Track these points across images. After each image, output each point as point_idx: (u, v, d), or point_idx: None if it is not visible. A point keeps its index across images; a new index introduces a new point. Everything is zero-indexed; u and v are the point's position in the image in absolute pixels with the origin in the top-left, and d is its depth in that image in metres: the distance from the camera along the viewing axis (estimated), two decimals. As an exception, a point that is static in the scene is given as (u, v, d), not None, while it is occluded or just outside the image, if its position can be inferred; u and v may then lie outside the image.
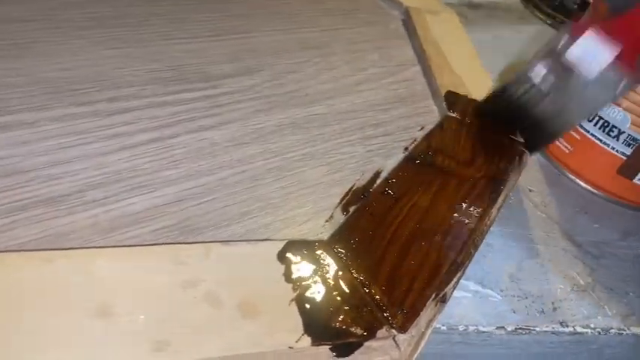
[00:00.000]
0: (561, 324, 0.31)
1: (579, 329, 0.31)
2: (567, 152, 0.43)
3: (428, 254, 0.27)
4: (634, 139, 0.38)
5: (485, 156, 0.33)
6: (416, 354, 0.24)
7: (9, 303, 0.21)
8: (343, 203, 0.29)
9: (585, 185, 0.41)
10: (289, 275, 0.24)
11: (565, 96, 0.31)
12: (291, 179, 0.30)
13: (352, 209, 0.29)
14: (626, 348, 0.33)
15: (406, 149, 0.33)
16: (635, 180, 0.39)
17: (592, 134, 0.40)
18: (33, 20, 0.37)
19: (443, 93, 0.38)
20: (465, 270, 0.27)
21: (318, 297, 0.24)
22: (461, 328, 0.30)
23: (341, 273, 0.25)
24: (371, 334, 0.23)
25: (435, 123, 0.36)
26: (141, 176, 0.28)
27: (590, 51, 0.30)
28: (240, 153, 0.31)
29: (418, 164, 0.32)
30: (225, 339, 0.21)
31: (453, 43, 0.44)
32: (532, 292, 0.33)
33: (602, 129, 0.39)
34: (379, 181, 0.31)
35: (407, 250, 0.26)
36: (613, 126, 0.39)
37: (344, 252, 0.26)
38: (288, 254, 0.25)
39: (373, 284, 0.25)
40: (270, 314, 0.23)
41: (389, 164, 0.32)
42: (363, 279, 0.25)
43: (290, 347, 0.22)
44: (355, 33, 0.44)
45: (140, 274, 0.23)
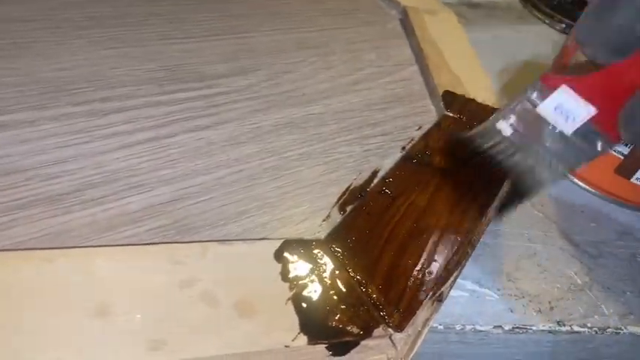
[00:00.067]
0: (558, 323, 0.31)
1: (576, 328, 0.32)
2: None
3: (425, 253, 0.27)
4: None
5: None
6: (412, 353, 0.24)
7: (9, 303, 0.21)
8: (340, 202, 0.29)
9: (583, 184, 0.41)
10: (286, 274, 0.24)
11: (538, 151, 0.28)
12: (288, 178, 0.30)
13: (349, 208, 0.29)
14: (623, 347, 0.33)
15: (403, 149, 0.33)
16: (632, 179, 0.39)
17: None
18: (33, 20, 0.37)
19: (440, 92, 0.38)
20: (462, 269, 0.28)
21: (314, 296, 0.24)
22: (458, 328, 0.30)
23: (338, 272, 0.25)
24: (367, 333, 0.23)
25: (433, 122, 0.36)
26: (138, 175, 0.28)
27: (565, 107, 0.27)
28: (237, 152, 0.31)
29: (415, 164, 0.32)
30: (222, 338, 0.22)
31: (451, 43, 0.44)
32: (529, 292, 0.33)
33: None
34: (376, 181, 0.31)
35: (404, 250, 0.27)
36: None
37: (341, 251, 0.26)
38: (285, 253, 0.25)
39: (370, 283, 0.25)
40: (266, 313, 0.23)
41: (386, 164, 0.32)
42: (360, 278, 0.25)
43: (286, 346, 0.22)
44: (353, 33, 0.44)
45: (137, 274, 0.23)
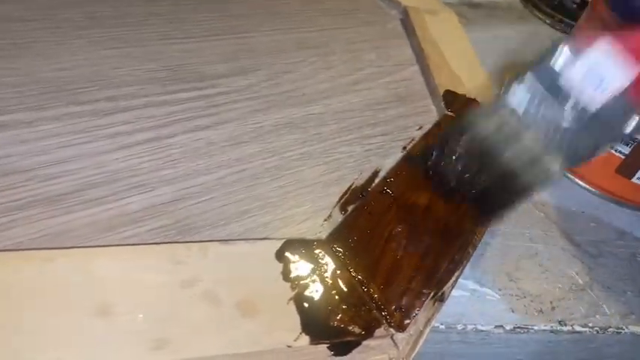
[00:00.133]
0: (560, 323, 0.31)
1: (578, 328, 0.31)
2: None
3: (426, 253, 0.27)
4: (632, 139, 0.38)
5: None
6: (414, 353, 0.24)
7: (9, 303, 0.21)
8: (342, 202, 0.29)
9: (584, 184, 0.41)
10: (288, 274, 0.24)
11: (553, 133, 0.23)
12: (289, 178, 0.30)
13: (350, 208, 0.29)
14: (624, 347, 0.33)
15: (404, 148, 0.33)
16: (633, 179, 0.39)
17: (590, 133, 0.40)
18: (33, 20, 0.37)
19: (441, 92, 0.38)
20: (464, 269, 0.27)
21: (316, 296, 0.24)
22: (459, 327, 0.30)
23: (339, 272, 0.25)
24: (369, 333, 0.23)
25: (434, 122, 0.36)
26: (139, 175, 0.28)
27: (599, 71, 0.22)
28: (238, 152, 0.31)
29: (416, 163, 0.32)
30: (224, 338, 0.21)
31: (452, 43, 0.44)
32: (530, 291, 0.33)
33: (600, 128, 0.39)
34: (377, 181, 0.31)
35: (405, 250, 0.27)
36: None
37: (342, 251, 0.26)
38: (286, 253, 0.25)
39: (371, 283, 0.25)
40: (268, 313, 0.23)
41: (387, 163, 0.32)
42: (362, 278, 0.25)
43: (288, 346, 0.22)
44: (353, 33, 0.44)
45: (139, 274, 0.23)
